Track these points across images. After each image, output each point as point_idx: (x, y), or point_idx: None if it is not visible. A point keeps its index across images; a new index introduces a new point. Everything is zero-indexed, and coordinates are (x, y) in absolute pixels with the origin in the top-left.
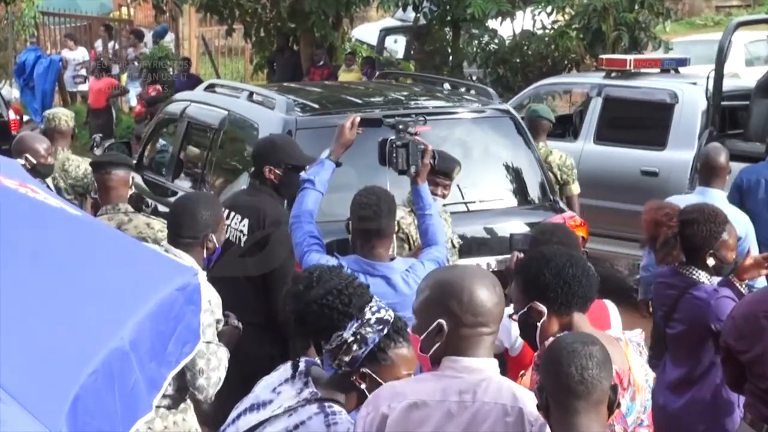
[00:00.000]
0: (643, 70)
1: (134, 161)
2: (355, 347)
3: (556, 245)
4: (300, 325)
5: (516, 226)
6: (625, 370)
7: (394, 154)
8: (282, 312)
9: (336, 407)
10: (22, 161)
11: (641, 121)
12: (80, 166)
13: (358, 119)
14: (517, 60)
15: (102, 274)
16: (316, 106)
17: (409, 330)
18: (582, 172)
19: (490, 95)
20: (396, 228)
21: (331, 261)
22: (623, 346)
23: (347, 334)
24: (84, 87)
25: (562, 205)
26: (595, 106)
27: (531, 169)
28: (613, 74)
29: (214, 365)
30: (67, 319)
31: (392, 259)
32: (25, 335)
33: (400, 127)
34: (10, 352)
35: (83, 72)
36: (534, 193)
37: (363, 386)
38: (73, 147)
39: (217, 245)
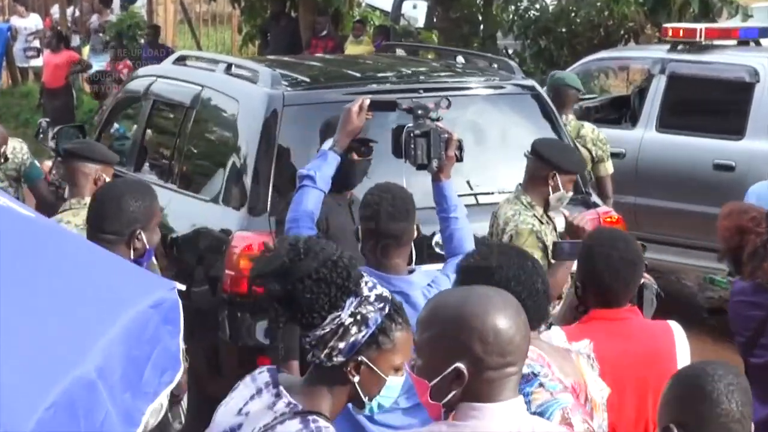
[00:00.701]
0: (716, 42)
1: None
2: (354, 330)
3: (617, 261)
4: (288, 309)
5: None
6: (581, 384)
7: (413, 145)
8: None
9: (321, 422)
10: None
11: (714, 105)
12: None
13: (367, 101)
14: (563, 30)
15: (61, 287)
16: (307, 79)
17: (407, 367)
18: (641, 166)
19: (512, 69)
20: (415, 233)
21: None
22: (575, 358)
23: (345, 315)
24: (37, 62)
25: (595, 198)
26: (658, 85)
27: None
28: (680, 47)
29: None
30: (18, 342)
31: (411, 271)
32: None
33: (419, 112)
34: None
35: (36, 44)
36: None
37: (356, 379)
38: (23, 135)
39: (147, 246)
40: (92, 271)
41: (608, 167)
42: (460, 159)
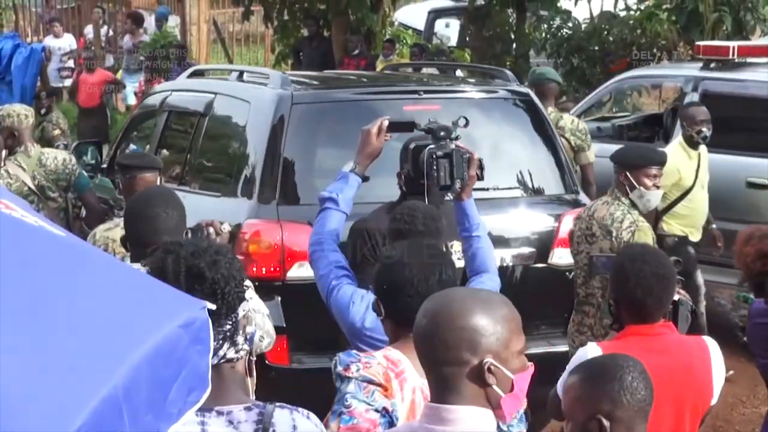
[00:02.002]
0: (749, 60)
1: (104, 164)
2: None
3: (649, 277)
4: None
5: (519, 221)
6: None
7: (435, 167)
8: None
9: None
10: None
11: (747, 122)
12: (57, 156)
13: (386, 123)
14: (596, 48)
15: (90, 307)
16: (315, 82)
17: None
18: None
19: (508, 77)
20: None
21: (367, 296)
22: None
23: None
24: (69, 82)
25: (585, 199)
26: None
27: (547, 157)
28: (713, 65)
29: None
30: (48, 361)
31: None
32: None
33: (441, 133)
34: None
35: (71, 64)
36: (549, 183)
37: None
38: None
39: None
40: (122, 290)
41: (589, 156)
42: (481, 178)
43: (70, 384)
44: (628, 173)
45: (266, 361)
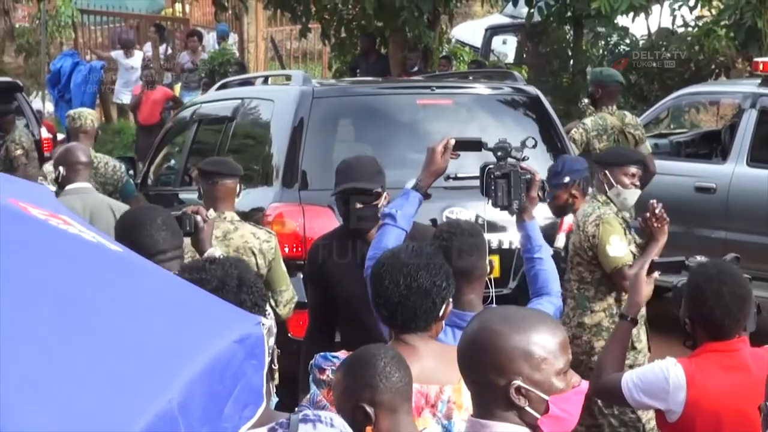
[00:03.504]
0: None
1: (138, 180)
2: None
3: (727, 297)
4: None
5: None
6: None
7: (493, 186)
8: None
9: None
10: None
11: None
12: (108, 163)
13: (452, 142)
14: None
15: (146, 322)
16: (334, 80)
17: None
18: (732, 201)
19: (516, 78)
20: (488, 269)
21: None
22: None
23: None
24: (125, 98)
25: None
26: (749, 120)
27: (552, 151)
28: None
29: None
30: (104, 376)
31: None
32: (51, 396)
33: (499, 154)
34: (33, 417)
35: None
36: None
37: None
38: None
39: None
40: (179, 305)
41: (648, 146)
42: (543, 199)
43: (127, 399)
44: (607, 171)
45: (289, 335)
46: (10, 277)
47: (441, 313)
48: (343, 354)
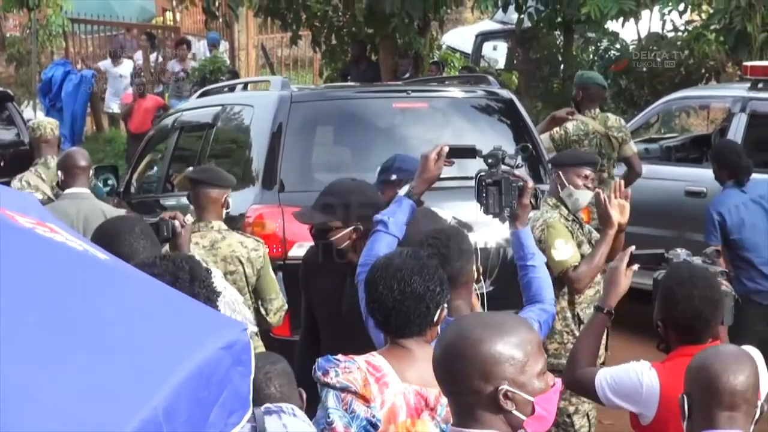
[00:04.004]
0: None
1: (120, 189)
2: None
3: (698, 300)
4: None
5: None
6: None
7: (485, 194)
8: None
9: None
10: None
11: None
12: None
13: (446, 149)
14: (644, 69)
15: (132, 329)
16: (313, 86)
17: None
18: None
19: (489, 81)
20: (476, 274)
21: None
22: None
23: None
24: (115, 107)
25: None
26: (739, 124)
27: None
28: (761, 85)
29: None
30: (90, 382)
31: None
32: (37, 403)
33: (490, 161)
34: (20, 424)
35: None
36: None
37: None
38: None
39: None
40: (163, 312)
41: (633, 147)
42: (536, 206)
43: (111, 405)
44: (560, 172)
45: (271, 334)
46: None
47: (435, 319)
48: (343, 357)
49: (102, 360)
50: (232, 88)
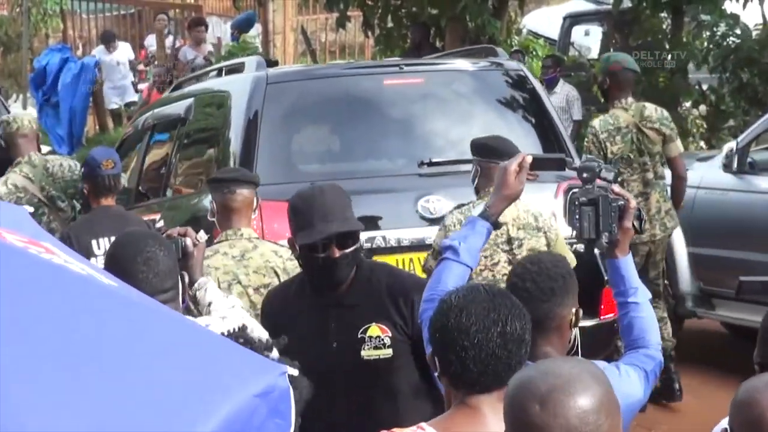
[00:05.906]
0: None
1: None
2: None
3: None
4: None
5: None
6: None
7: (577, 215)
8: None
9: None
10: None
11: None
12: (63, 163)
13: (529, 159)
14: None
15: (149, 372)
16: (294, 65)
17: None
18: None
19: (497, 53)
20: (574, 318)
21: None
22: None
23: None
24: (114, 102)
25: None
26: None
27: (540, 129)
28: None
29: None
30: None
31: None
32: None
33: (585, 175)
34: None
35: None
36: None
37: None
38: None
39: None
40: (188, 352)
41: (679, 146)
42: (640, 231)
43: None
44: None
45: None
46: None
47: None
48: None
49: (127, 406)
50: (206, 74)
